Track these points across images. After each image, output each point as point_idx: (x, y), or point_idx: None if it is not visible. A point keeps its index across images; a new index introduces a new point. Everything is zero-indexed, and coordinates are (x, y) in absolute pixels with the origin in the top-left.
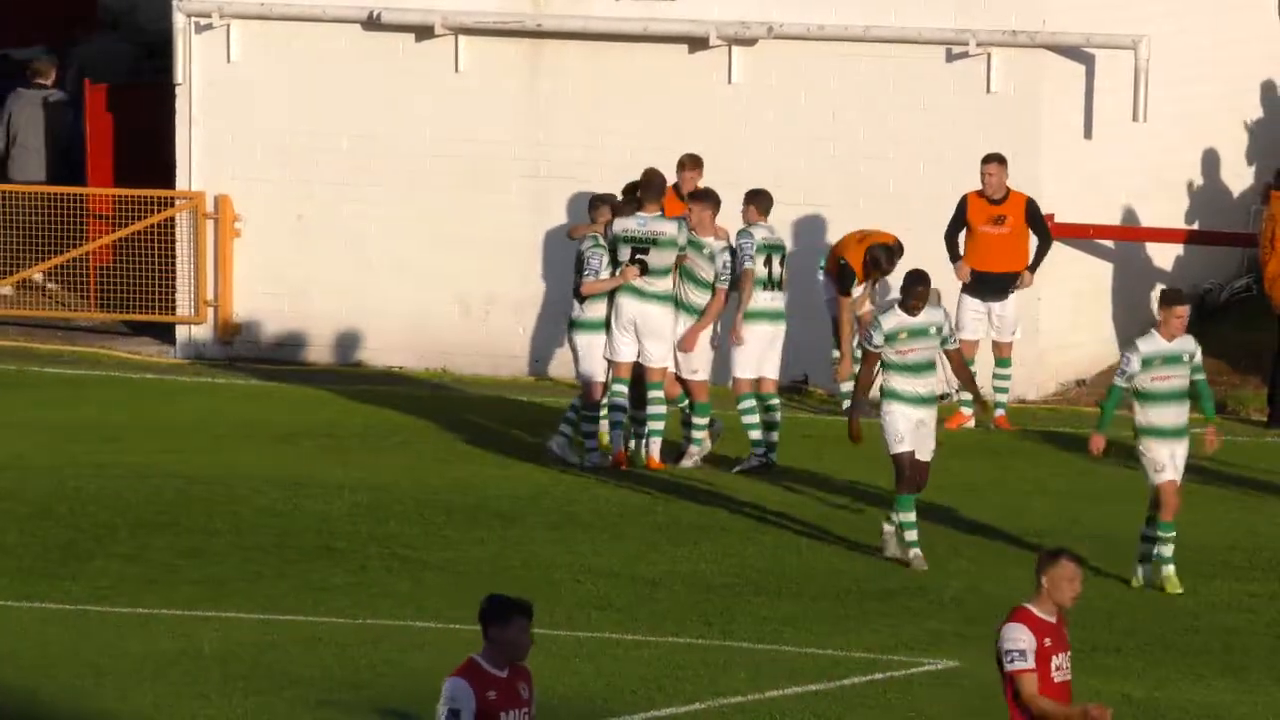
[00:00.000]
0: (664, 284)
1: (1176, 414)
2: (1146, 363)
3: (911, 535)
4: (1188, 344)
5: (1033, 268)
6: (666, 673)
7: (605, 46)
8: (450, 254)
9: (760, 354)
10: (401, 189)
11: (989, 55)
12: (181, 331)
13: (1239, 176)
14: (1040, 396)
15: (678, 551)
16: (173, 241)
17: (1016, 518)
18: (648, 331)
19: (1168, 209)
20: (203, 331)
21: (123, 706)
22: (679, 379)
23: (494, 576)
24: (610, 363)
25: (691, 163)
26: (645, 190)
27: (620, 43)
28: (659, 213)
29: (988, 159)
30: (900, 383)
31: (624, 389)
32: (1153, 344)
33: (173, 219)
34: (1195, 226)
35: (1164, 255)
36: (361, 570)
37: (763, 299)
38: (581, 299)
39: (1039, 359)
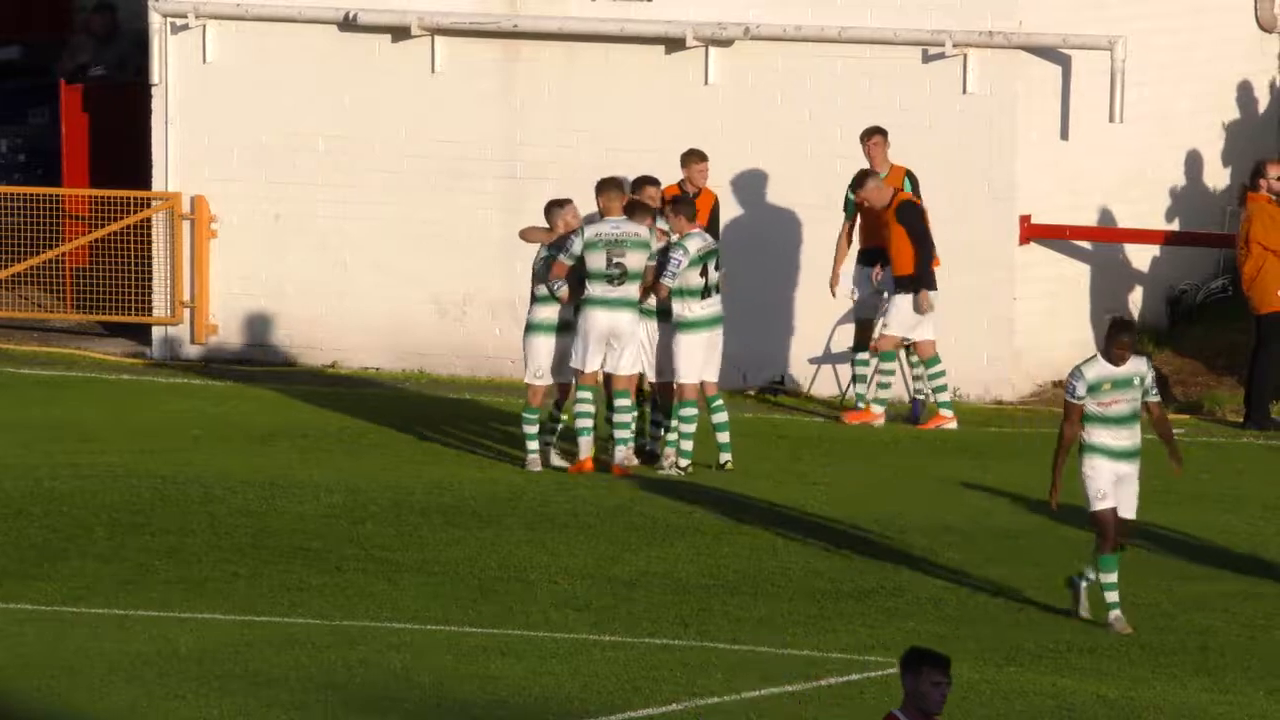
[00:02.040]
0: (634, 290)
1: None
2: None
3: (1113, 596)
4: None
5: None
6: (643, 674)
7: (581, 47)
8: (427, 254)
9: (703, 360)
10: (378, 189)
11: (965, 56)
12: (158, 332)
13: (1216, 177)
14: (1017, 397)
15: (654, 552)
16: (149, 242)
17: (994, 518)
18: (624, 340)
19: (1144, 210)
20: (179, 332)
21: (98, 707)
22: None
23: (470, 578)
24: (576, 371)
25: (698, 157)
26: (612, 191)
27: (597, 43)
28: (625, 215)
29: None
30: (1102, 436)
31: (590, 396)
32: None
33: (149, 220)
34: (1172, 227)
35: (1140, 256)
36: (337, 571)
37: (700, 307)
38: (538, 300)
39: (1015, 359)
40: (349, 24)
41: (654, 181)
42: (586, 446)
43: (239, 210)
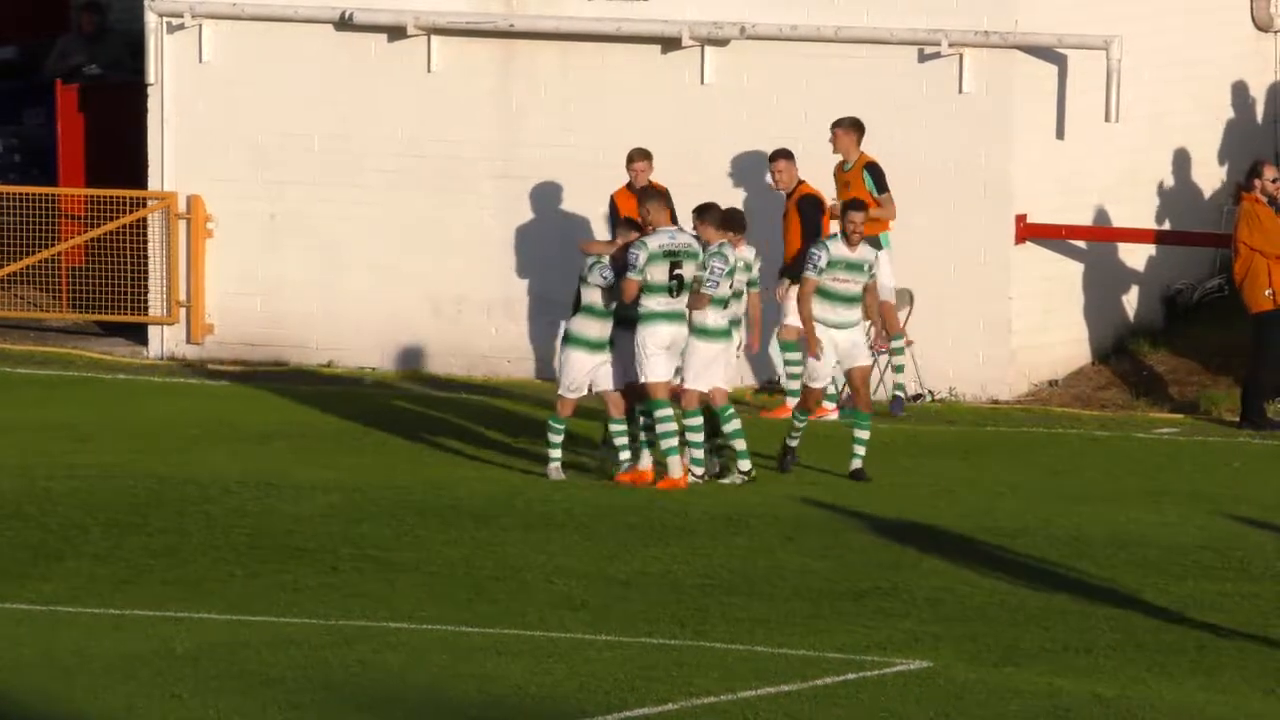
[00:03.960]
0: (685, 300)
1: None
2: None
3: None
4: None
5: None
6: (639, 673)
7: (578, 47)
8: (422, 254)
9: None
10: (374, 189)
11: (961, 56)
12: (154, 332)
13: (1211, 177)
14: (1013, 396)
15: (650, 552)
16: (145, 242)
17: (990, 518)
18: (678, 350)
19: (1140, 209)
20: (175, 332)
21: (94, 707)
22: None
23: (466, 577)
24: (647, 385)
25: (640, 155)
26: (659, 201)
27: (593, 43)
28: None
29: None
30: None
31: (671, 412)
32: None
33: (145, 219)
34: (1167, 227)
35: (1136, 255)
36: (333, 571)
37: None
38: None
39: (1011, 358)
40: (345, 24)
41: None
42: (677, 465)
43: (235, 210)
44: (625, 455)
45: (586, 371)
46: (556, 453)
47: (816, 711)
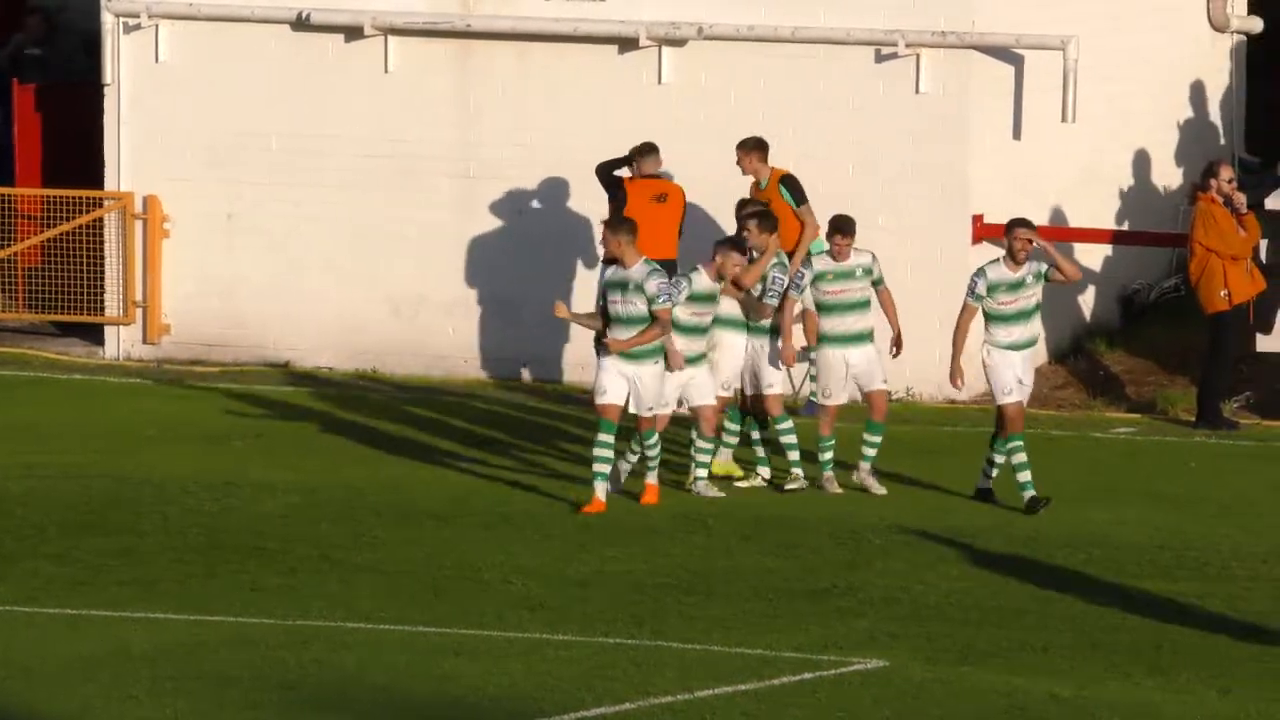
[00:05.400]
0: None
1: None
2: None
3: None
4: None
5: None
6: (596, 673)
7: (535, 47)
8: (380, 254)
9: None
10: (331, 189)
11: (918, 56)
12: (110, 332)
13: (1168, 177)
14: (970, 396)
15: (608, 552)
16: (101, 242)
17: (947, 518)
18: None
19: (1097, 209)
20: (131, 332)
21: (51, 708)
22: (757, 398)
23: (425, 577)
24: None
25: (651, 149)
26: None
27: (550, 43)
28: None
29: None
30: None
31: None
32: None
33: (101, 219)
34: (1124, 227)
35: (1093, 255)
36: (291, 572)
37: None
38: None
39: (968, 359)
40: (302, 24)
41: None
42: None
43: (192, 210)
44: (703, 473)
45: (678, 385)
46: (702, 471)
47: (773, 711)
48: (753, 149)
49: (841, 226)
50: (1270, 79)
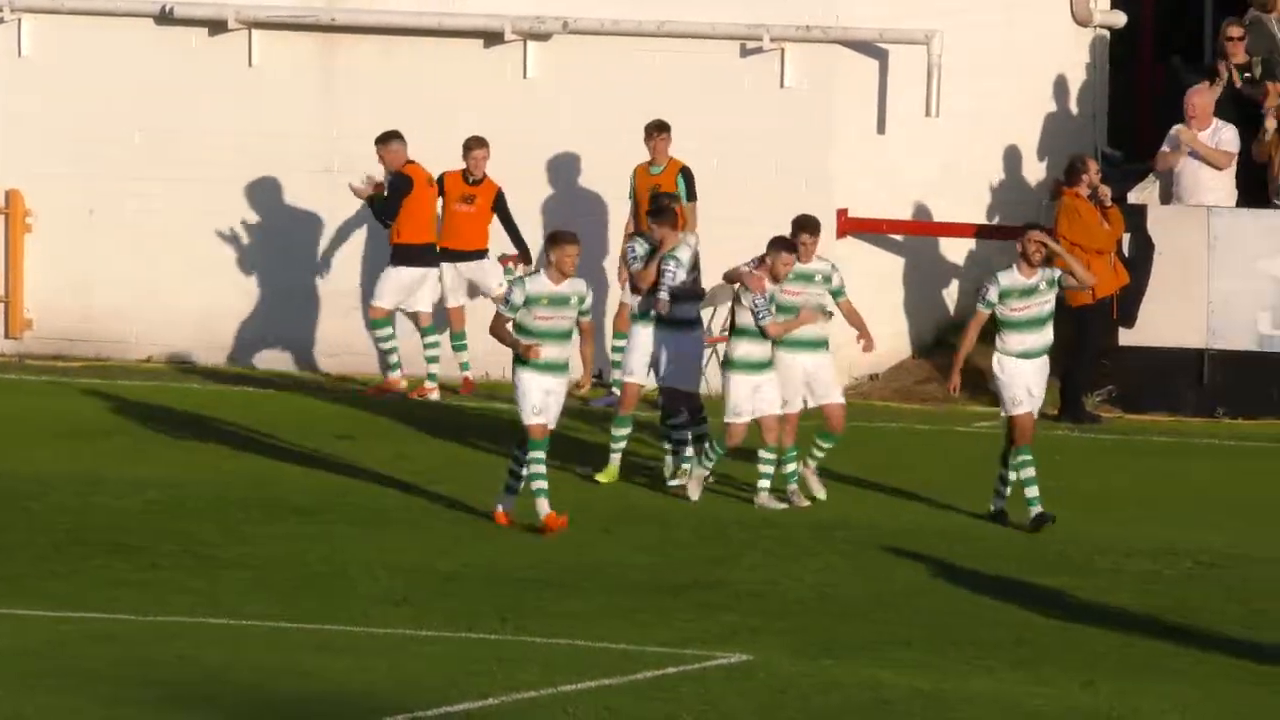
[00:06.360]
0: None
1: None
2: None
3: None
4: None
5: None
6: (460, 668)
7: (400, 41)
8: (244, 248)
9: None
10: (194, 183)
11: (783, 51)
12: None
13: (1032, 171)
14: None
15: (474, 546)
16: None
17: (812, 512)
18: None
19: (960, 204)
20: None
21: None
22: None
23: (290, 573)
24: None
25: (478, 143)
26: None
27: (415, 37)
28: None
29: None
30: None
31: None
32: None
33: None
34: (988, 221)
35: (957, 249)
36: (154, 567)
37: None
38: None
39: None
40: (165, 17)
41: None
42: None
43: (55, 205)
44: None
45: (748, 395)
46: (765, 483)
47: (637, 705)
48: (668, 132)
49: (806, 225)
50: (1133, 73)
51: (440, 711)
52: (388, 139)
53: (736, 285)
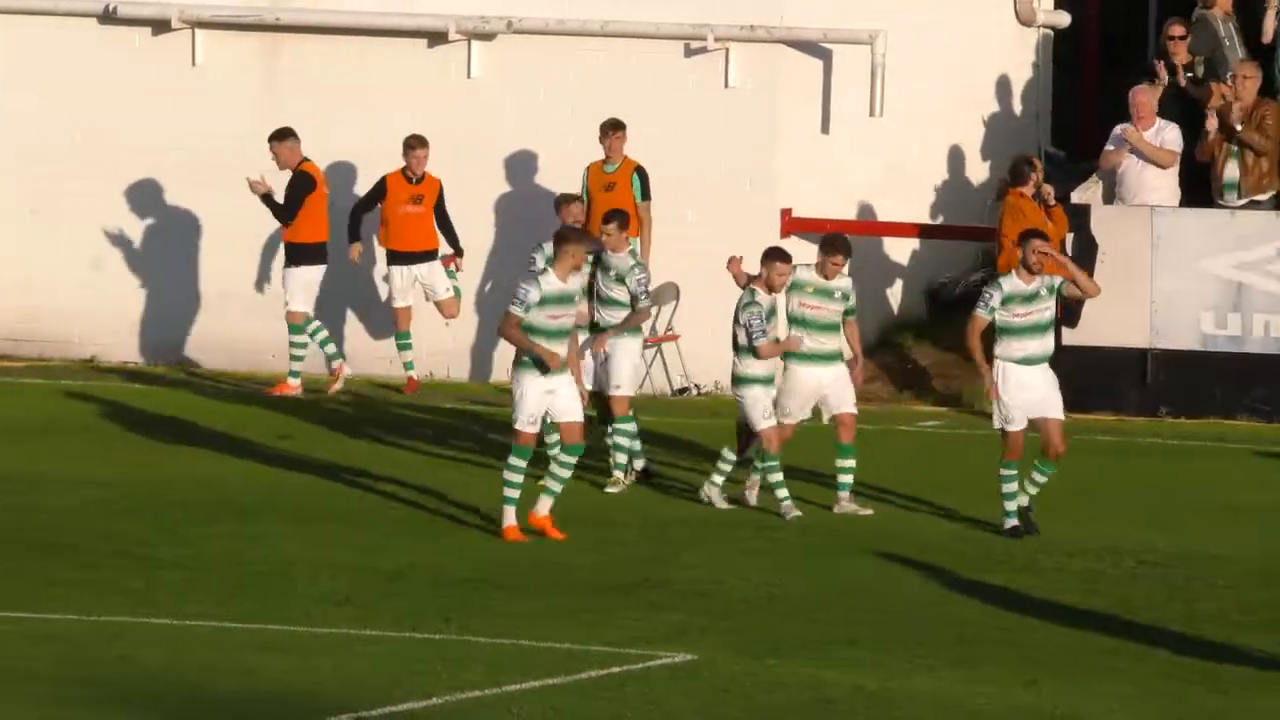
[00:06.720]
0: None
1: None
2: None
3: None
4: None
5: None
6: (404, 668)
7: (344, 41)
8: (187, 248)
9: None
10: (137, 183)
11: (727, 50)
12: None
13: (976, 171)
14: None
15: (419, 546)
16: None
17: (755, 512)
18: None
19: (904, 203)
20: None
21: None
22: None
23: (230, 572)
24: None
25: (420, 142)
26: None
27: (359, 37)
28: None
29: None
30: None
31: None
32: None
33: None
34: (932, 220)
35: (901, 249)
36: (92, 567)
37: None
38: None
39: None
40: (109, 17)
41: (578, 198)
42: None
43: None
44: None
45: (768, 405)
46: (783, 491)
47: (582, 704)
48: (623, 130)
49: (839, 247)
50: (1076, 73)
51: (385, 711)
52: (283, 135)
53: (737, 305)
